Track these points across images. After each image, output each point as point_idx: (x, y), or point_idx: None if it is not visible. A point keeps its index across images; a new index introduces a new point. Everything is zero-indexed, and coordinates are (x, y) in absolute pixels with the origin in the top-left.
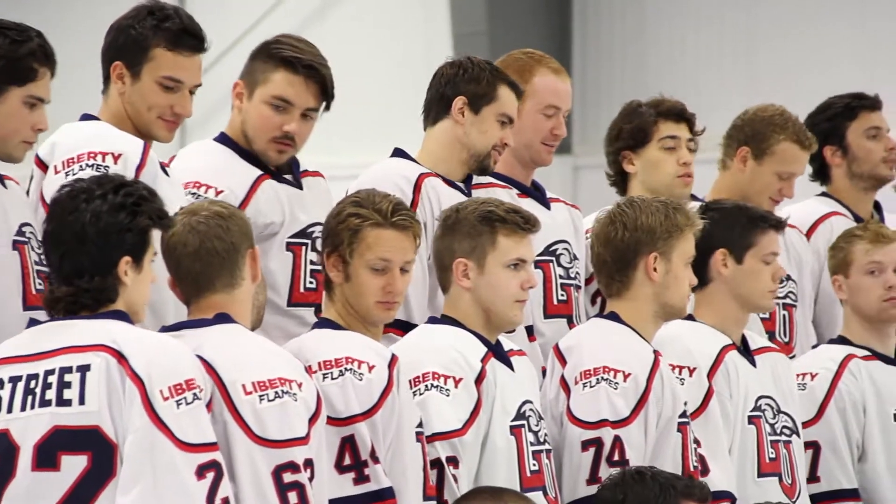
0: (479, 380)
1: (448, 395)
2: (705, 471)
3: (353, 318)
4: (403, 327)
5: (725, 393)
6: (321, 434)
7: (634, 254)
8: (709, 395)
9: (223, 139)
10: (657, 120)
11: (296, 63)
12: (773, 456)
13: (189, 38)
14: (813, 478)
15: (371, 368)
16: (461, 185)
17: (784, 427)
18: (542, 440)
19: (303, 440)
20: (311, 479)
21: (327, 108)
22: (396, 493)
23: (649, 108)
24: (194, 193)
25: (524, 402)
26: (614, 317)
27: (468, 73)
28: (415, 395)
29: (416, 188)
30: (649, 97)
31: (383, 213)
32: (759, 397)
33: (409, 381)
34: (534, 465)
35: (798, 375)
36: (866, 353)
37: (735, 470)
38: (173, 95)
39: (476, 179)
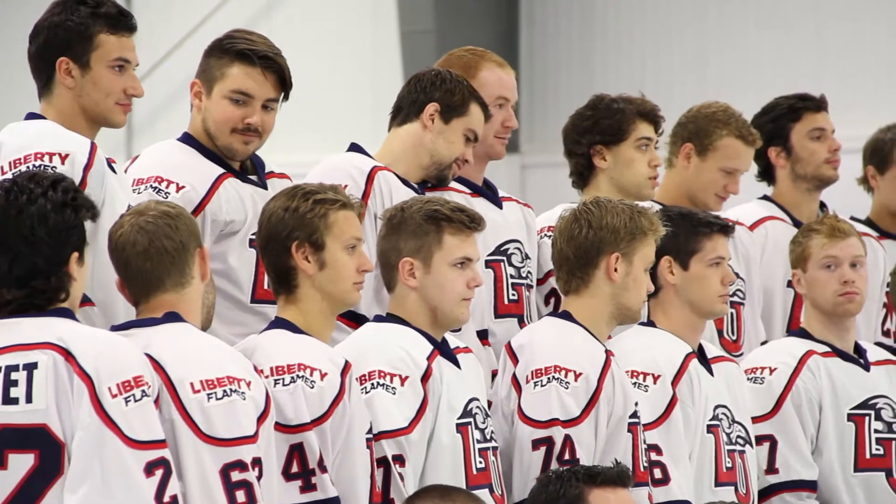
0: (426, 378)
1: (394, 394)
2: (666, 479)
3: (317, 315)
4: (355, 318)
5: (688, 401)
6: (270, 433)
7: (597, 252)
8: (672, 402)
9: (186, 139)
10: (636, 119)
11: (251, 55)
12: (729, 465)
13: (125, 18)
14: (771, 470)
15: (323, 376)
16: (416, 185)
17: (738, 437)
18: (488, 437)
19: (251, 439)
20: (259, 477)
21: (286, 97)
22: (344, 500)
23: (627, 105)
24: (156, 188)
25: (470, 400)
26: (567, 316)
27: (446, 84)
28: (360, 392)
29: (369, 179)
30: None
31: (344, 196)
32: (717, 406)
33: (356, 380)
34: (480, 462)
35: (756, 368)
36: (826, 348)
37: (693, 479)
38: (124, 77)
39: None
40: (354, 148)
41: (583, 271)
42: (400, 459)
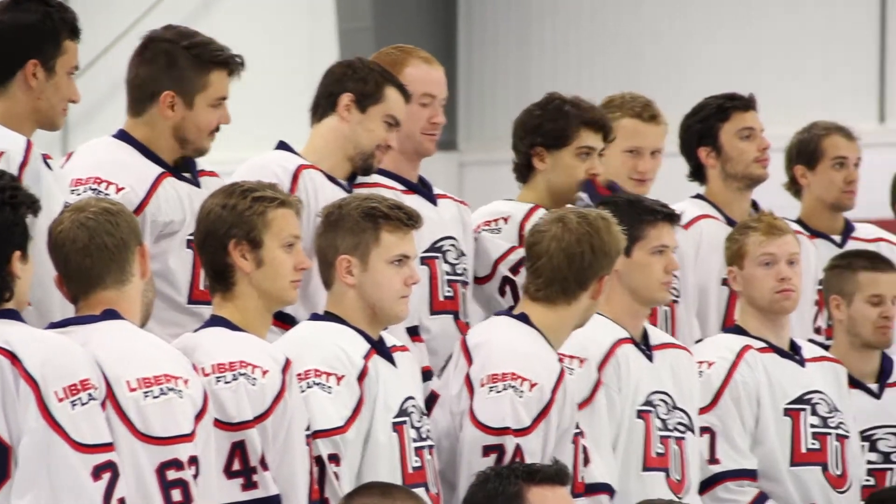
0: (362, 377)
1: (330, 393)
2: (586, 461)
3: (254, 313)
4: (283, 319)
5: (614, 386)
6: (208, 431)
7: (594, 275)
8: (597, 386)
9: (122, 136)
10: (581, 127)
11: (230, 62)
12: (660, 451)
13: (79, 26)
14: (713, 460)
15: (265, 373)
16: (344, 182)
17: (679, 423)
18: (423, 436)
19: (188, 437)
20: (195, 476)
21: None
22: (284, 497)
23: (575, 111)
24: (95, 189)
25: (406, 399)
26: (526, 319)
27: (357, 73)
28: (298, 391)
29: (294, 178)
30: (539, 94)
31: (282, 194)
32: (653, 392)
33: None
34: (416, 461)
35: (696, 363)
36: (762, 344)
37: (620, 463)
38: (73, 84)
39: (360, 178)
40: (282, 146)
41: (572, 287)
42: (335, 458)
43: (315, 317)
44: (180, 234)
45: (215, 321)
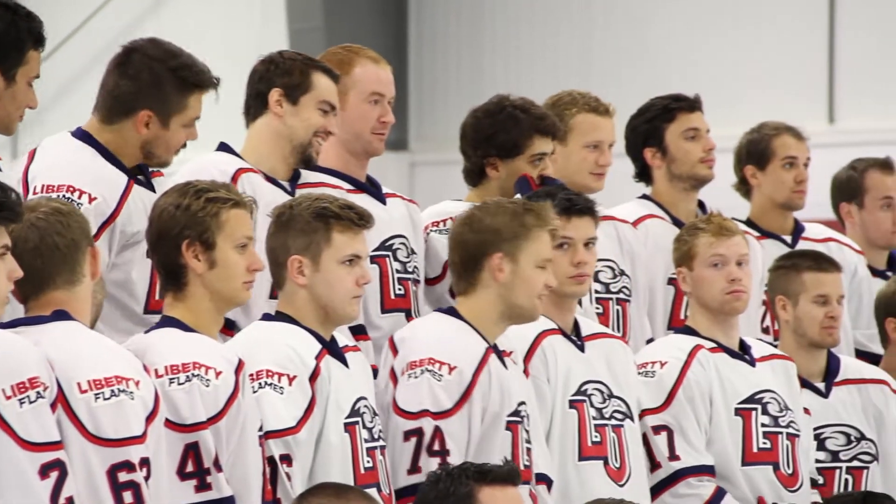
0: (314, 377)
1: (282, 393)
2: (527, 455)
3: (206, 314)
4: (228, 325)
5: (542, 377)
6: (159, 433)
7: (481, 254)
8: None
9: (87, 138)
10: (533, 135)
11: (211, 85)
12: (596, 440)
13: (43, 34)
14: (673, 457)
15: (218, 374)
16: (285, 183)
17: (616, 411)
18: (376, 437)
19: (139, 439)
20: (147, 478)
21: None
22: (238, 498)
23: (526, 118)
24: (68, 199)
25: (358, 399)
26: (453, 311)
27: (280, 66)
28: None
29: (233, 181)
30: (492, 93)
31: (236, 195)
32: (586, 382)
33: None
34: (368, 461)
35: (647, 363)
36: (713, 344)
37: (556, 453)
38: (32, 92)
39: (304, 178)
40: (223, 147)
41: (469, 274)
42: (287, 459)
43: (267, 317)
44: (143, 244)
45: (167, 322)
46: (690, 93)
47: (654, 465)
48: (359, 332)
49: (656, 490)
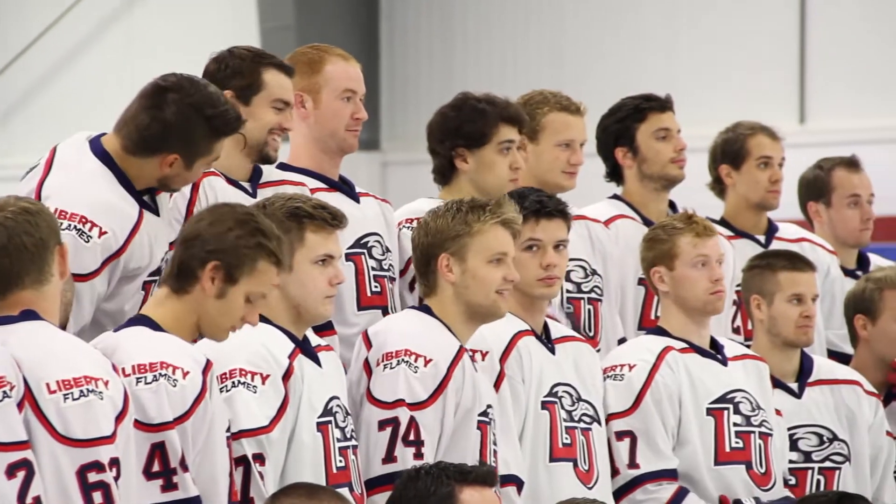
0: (287, 376)
1: (255, 392)
2: (495, 456)
3: (187, 328)
4: None
5: (517, 377)
6: (128, 433)
7: (431, 257)
8: (500, 378)
9: (104, 157)
10: (499, 123)
11: (237, 128)
12: (567, 442)
13: None
14: (633, 464)
15: (185, 374)
16: (246, 184)
17: (584, 415)
18: (348, 436)
19: (108, 439)
20: (116, 478)
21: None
22: (205, 499)
23: (491, 108)
24: (79, 230)
25: (331, 398)
26: (427, 309)
27: (230, 67)
28: (221, 391)
29: (195, 187)
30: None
31: (281, 252)
32: (557, 384)
33: (217, 378)
34: (340, 461)
35: (616, 366)
36: (683, 345)
37: (527, 454)
38: None
39: (266, 177)
40: None
41: (426, 277)
42: (260, 458)
43: None
44: (141, 276)
45: (139, 320)
46: (662, 92)
47: (614, 471)
48: (325, 328)
49: (616, 497)
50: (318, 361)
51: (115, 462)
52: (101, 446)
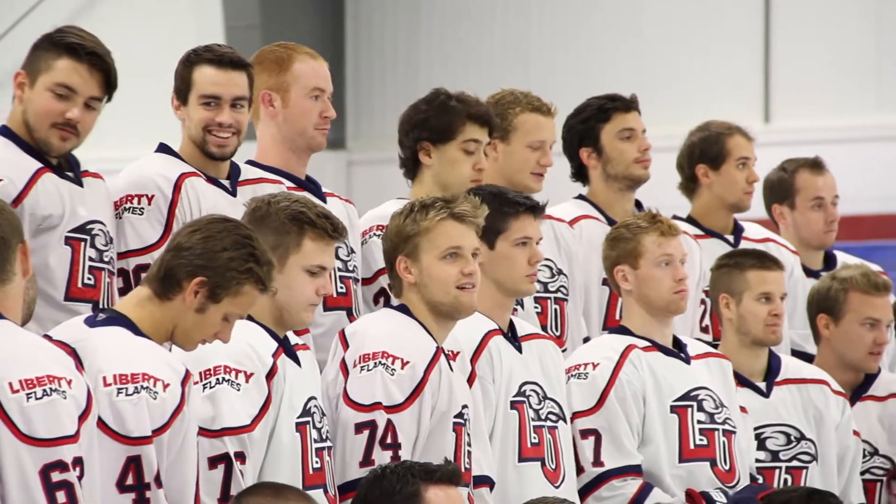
0: (270, 375)
1: (238, 390)
2: (468, 458)
3: (161, 333)
4: None
5: (488, 377)
6: (92, 431)
7: (391, 261)
8: (471, 378)
9: (3, 131)
10: (466, 121)
11: (80, 50)
12: (535, 441)
13: None
14: (597, 462)
15: (166, 387)
16: (225, 182)
17: (550, 413)
18: (324, 437)
19: (72, 438)
20: (80, 477)
21: (109, 98)
22: (173, 501)
23: (460, 106)
24: None
25: (309, 399)
26: (404, 309)
27: (176, 69)
28: (205, 388)
29: (177, 188)
30: (425, 92)
31: (270, 279)
32: (524, 383)
33: (200, 374)
34: (316, 462)
35: (580, 365)
36: (647, 343)
37: (497, 454)
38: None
39: (244, 175)
40: (162, 148)
41: (393, 281)
42: (241, 457)
43: None
44: (59, 229)
45: (118, 321)
46: (627, 92)
47: (579, 469)
48: None
49: (581, 494)
50: (297, 361)
51: (78, 461)
52: (64, 446)
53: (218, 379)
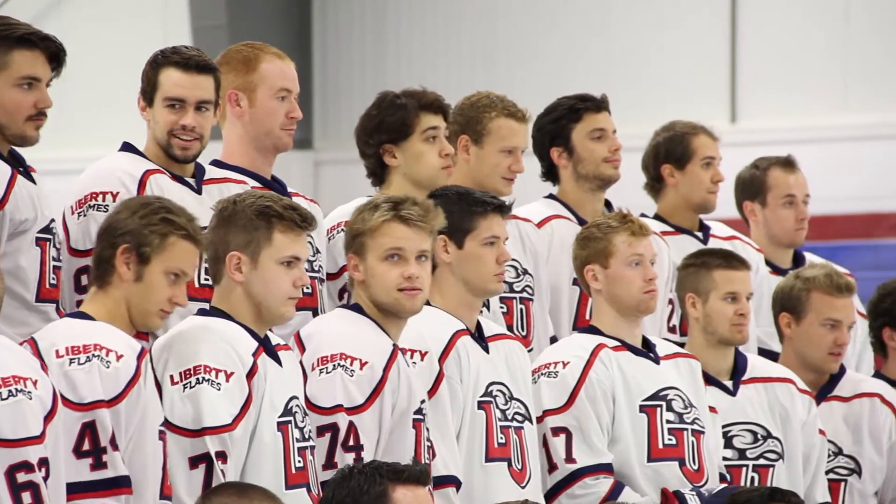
0: (251, 374)
1: (219, 389)
2: (432, 455)
3: (119, 319)
4: None
5: (456, 377)
6: (57, 433)
7: (350, 257)
8: (439, 378)
9: None
10: (419, 112)
11: (34, 38)
12: (502, 441)
13: None
14: (570, 459)
15: (119, 357)
16: (191, 180)
17: (516, 413)
18: (307, 436)
19: (37, 439)
20: (45, 478)
21: (58, 73)
22: (134, 486)
23: (409, 100)
24: None
25: (291, 398)
26: (357, 308)
27: (143, 70)
28: (185, 387)
29: (141, 185)
30: (399, 89)
31: (195, 231)
32: (491, 383)
33: (180, 374)
34: (299, 461)
35: (550, 363)
36: (616, 343)
37: (464, 454)
38: None
39: (209, 175)
40: (126, 147)
41: (349, 277)
42: (223, 456)
43: (202, 312)
44: (31, 231)
45: (77, 315)
46: (593, 92)
47: (551, 466)
48: None
49: (554, 492)
50: (279, 361)
51: (44, 462)
52: (29, 446)
53: (198, 379)
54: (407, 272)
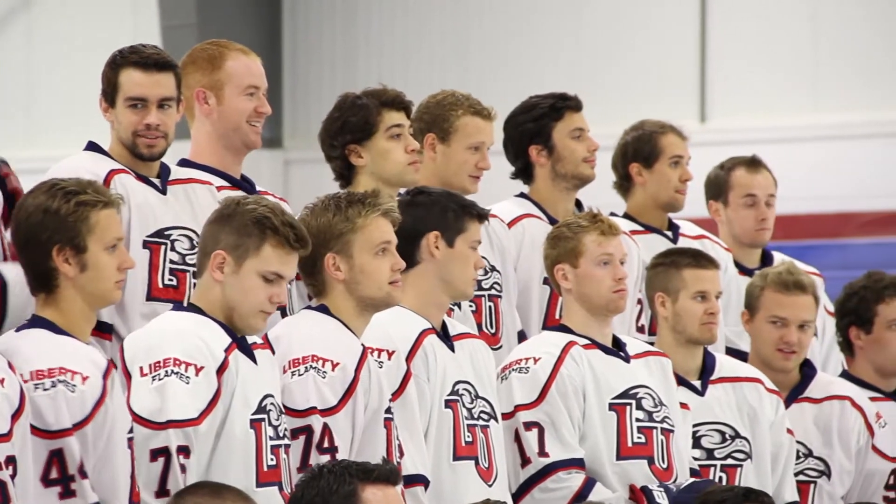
0: (221, 370)
1: (187, 383)
2: (400, 454)
3: (79, 315)
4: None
5: (423, 376)
6: (25, 431)
7: (316, 258)
8: (406, 378)
9: None
10: (381, 110)
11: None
12: (469, 440)
13: None
14: (543, 453)
15: (85, 379)
16: (156, 180)
17: (482, 412)
18: (281, 434)
19: (5, 437)
20: (13, 476)
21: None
22: (104, 496)
23: (371, 99)
24: None
25: (265, 396)
26: (324, 309)
27: (103, 71)
28: (154, 380)
29: (105, 184)
30: (361, 89)
31: (105, 195)
32: (457, 382)
33: (150, 366)
34: (272, 459)
35: (521, 360)
36: (587, 341)
37: (432, 453)
38: None
39: (174, 175)
40: (91, 146)
41: (313, 278)
42: (185, 450)
43: (178, 307)
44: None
45: (37, 322)
46: (563, 91)
47: (524, 461)
48: (106, 330)
49: (527, 486)
50: (253, 358)
51: (11, 460)
52: None
53: (167, 371)
54: (396, 265)
